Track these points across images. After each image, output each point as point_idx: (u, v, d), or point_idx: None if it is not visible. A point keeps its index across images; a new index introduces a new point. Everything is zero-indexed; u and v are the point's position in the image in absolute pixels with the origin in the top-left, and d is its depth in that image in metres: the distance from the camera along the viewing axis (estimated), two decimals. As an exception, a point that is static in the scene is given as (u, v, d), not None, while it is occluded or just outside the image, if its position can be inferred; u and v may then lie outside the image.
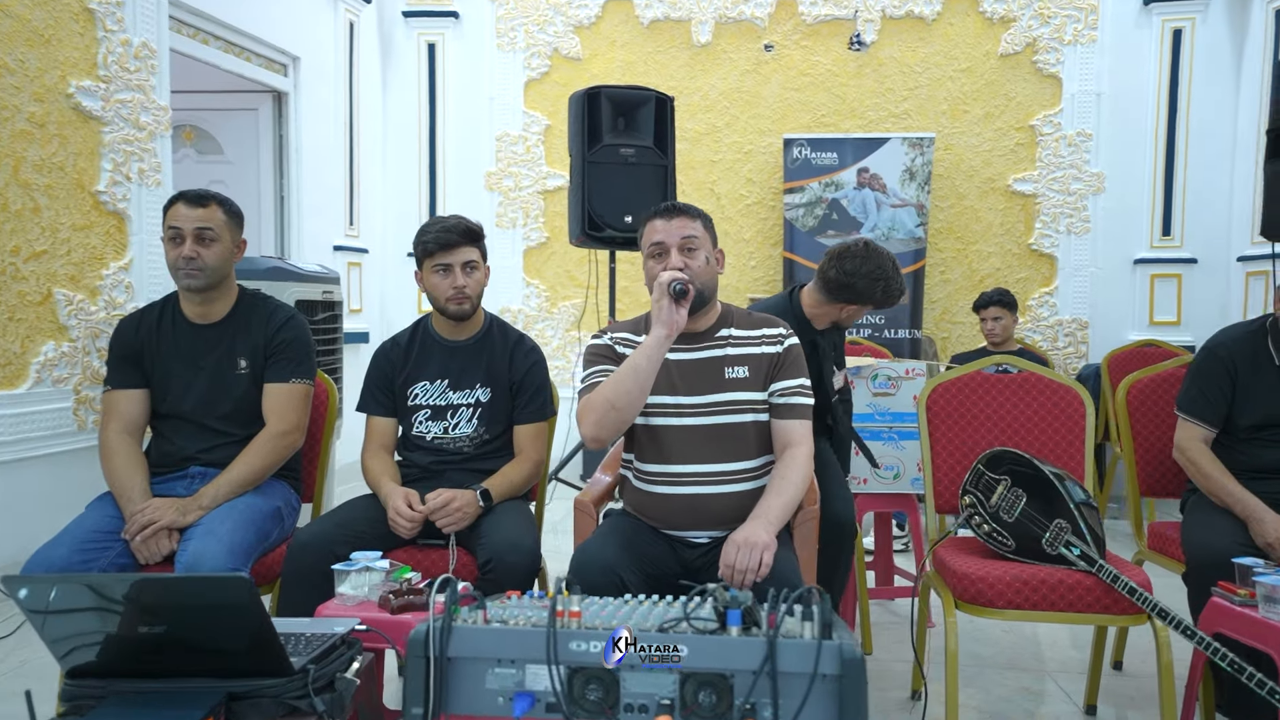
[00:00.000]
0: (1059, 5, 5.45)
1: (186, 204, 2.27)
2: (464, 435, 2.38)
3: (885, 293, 2.52)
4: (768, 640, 1.28)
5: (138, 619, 1.45)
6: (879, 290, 2.51)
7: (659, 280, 1.97)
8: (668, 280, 1.96)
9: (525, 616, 1.40)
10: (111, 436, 2.26)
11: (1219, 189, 5.36)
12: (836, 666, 1.26)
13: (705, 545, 2.04)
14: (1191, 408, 2.36)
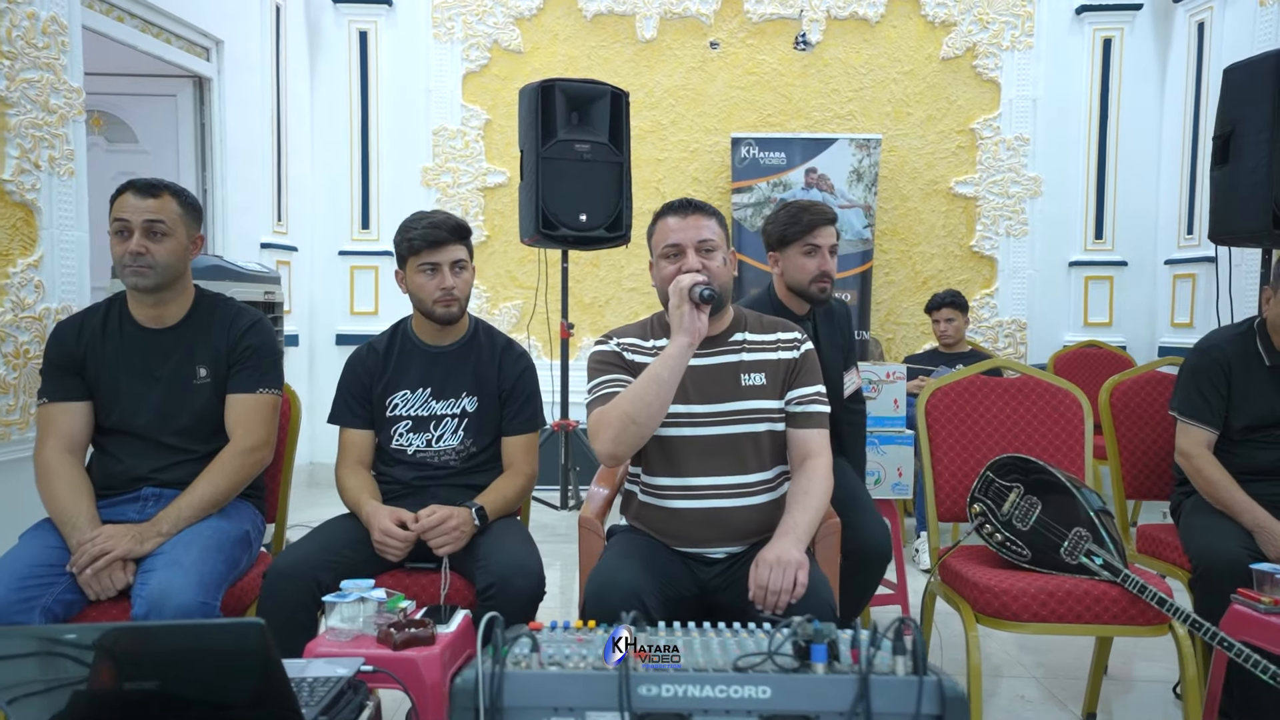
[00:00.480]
0: (997, 11, 5.54)
1: (135, 194, 2.03)
2: (449, 448, 2.20)
3: (791, 219, 2.46)
4: (859, 678, 1.17)
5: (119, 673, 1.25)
6: (783, 218, 2.48)
7: (679, 285, 1.84)
8: (689, 284, 1.83)
9: (580, 656, 1.25)
10: (50, 455, 2.00)
11: (1147, 194, 5.53)
12: (937, 705, 1.15)
13: (723, 562, 1.92)
14: (1191, 411, 2.36)
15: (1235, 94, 3.67)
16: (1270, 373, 2.34)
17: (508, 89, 5.62)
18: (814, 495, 1.86)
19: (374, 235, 5.63)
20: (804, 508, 1.83)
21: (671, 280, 1.95)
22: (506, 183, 5.63)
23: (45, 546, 1.89)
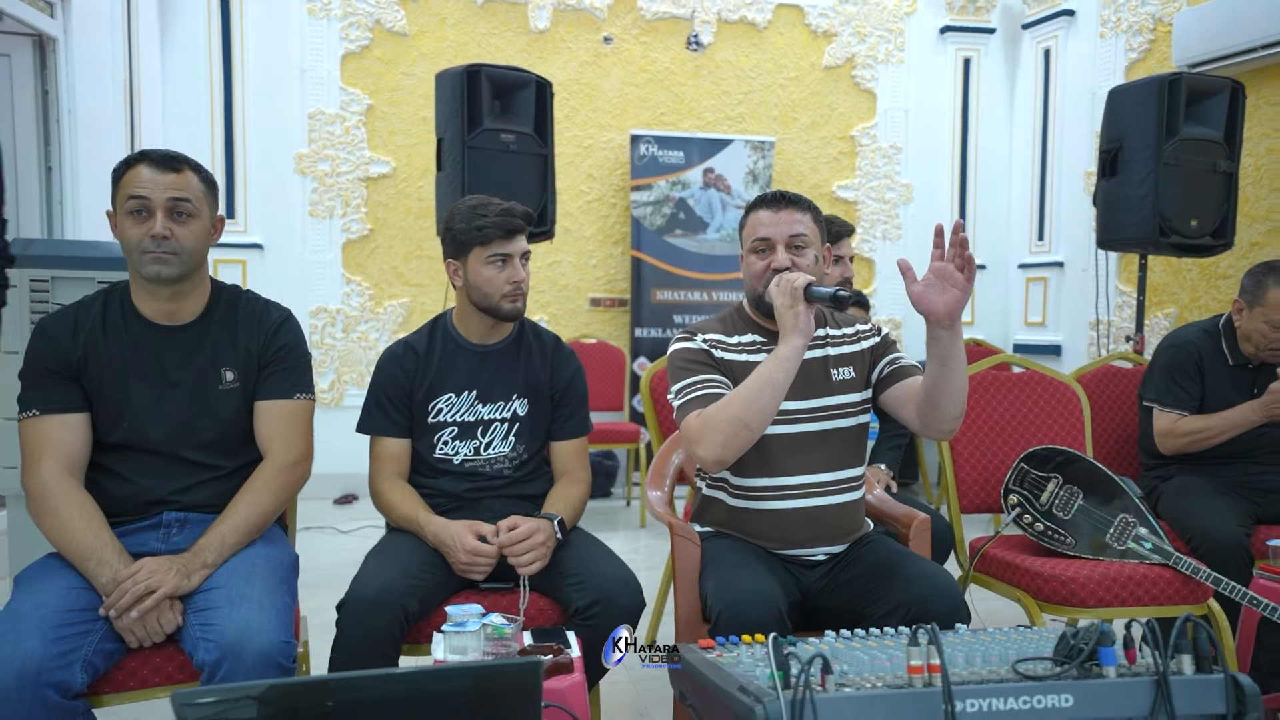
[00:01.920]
0: (873, 25, 5.82)
1: (153, 167, 1.70)
2: (501, 455, 2.01)
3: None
4: (1156, 680, 1.16)
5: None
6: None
7: (793, 284, 1.77)
8: (804, 284, 1.77)
9: (861, 675, 1.17)
10: (50, 479, 1.64)
11: (1001, 203, 6.02)
12: (1234, 703, 1.17)
13: (824, 564, 1.88)
14: (1169, 399, 2.57)
15: (1120, 113, 4.03)
16: (1232, 371, 2.60)
17: (391, 73, 5.27)
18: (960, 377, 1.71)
19: (240, 226, 5.10)
20: (957, 378, 1.70)
21: (761, 275, 1.89)
22: (392, 173, 5.28)
23: (68, 589, 1.55)
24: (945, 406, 1.71)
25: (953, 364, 1.66)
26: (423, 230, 5.32)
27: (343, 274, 5.26)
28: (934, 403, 1.72)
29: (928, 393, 1.72)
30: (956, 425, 1.77)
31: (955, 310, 1.61)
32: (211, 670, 1.49)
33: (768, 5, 5.68)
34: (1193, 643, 1.19)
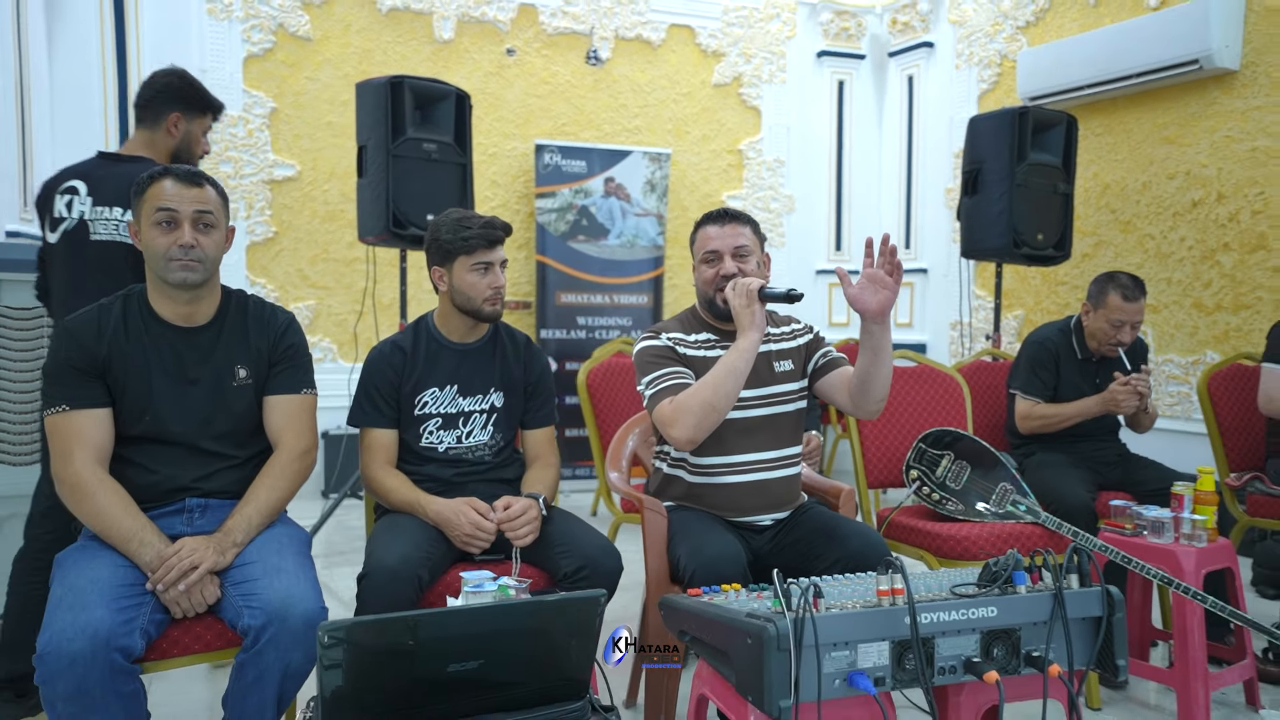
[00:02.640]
0: (758, 47, 6.26)
1: (178, 182, 1.85)
2: (481, 443, 2.24)
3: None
4: (1054, 594, 1.52)
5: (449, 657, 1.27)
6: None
7: (746, 286, 2.08)
8: (757, 286, 2.08)
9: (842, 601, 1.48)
10: (83, 470, 1.76)
11: (872, 213, 6.58)
12: (1105, 608, 1.54)
13: (771, 529, 2.20)
14: (1030, 388, 3.04)
15: (979, 139, 4.58)
16: (1080, 364, 3.10)
17: (296, 77, 5.31)
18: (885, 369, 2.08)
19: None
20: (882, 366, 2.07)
21: (712, 281, 2.20)
22: (297, 176, 5.31)
23: (115, 566, 1.69)
24: (875, 390, 2.06)
25: (883, 354, 2.02)
26: (329, 234, 5.37)
27: (247, 276, 5.24)
28: (865, 387, 2.07)
29: (860, 379, 2.07)
30: (882, 405, 2.12)
31: (885, 308, 1.96)
32: (256, 635, 1.66)
33: (661, 25, 6.02)
34: (1078, 566, 1.57)
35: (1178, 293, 4.70)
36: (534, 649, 1.35)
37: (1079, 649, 1.53)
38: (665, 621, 1.73)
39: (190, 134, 2.70)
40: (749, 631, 1.41)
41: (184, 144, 2.69)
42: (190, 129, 2.69)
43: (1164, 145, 4.77)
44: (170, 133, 2.64)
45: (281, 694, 1.72)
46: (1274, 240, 4.28)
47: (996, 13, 5.69)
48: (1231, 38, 4.34)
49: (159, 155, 2.61)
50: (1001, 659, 1.51)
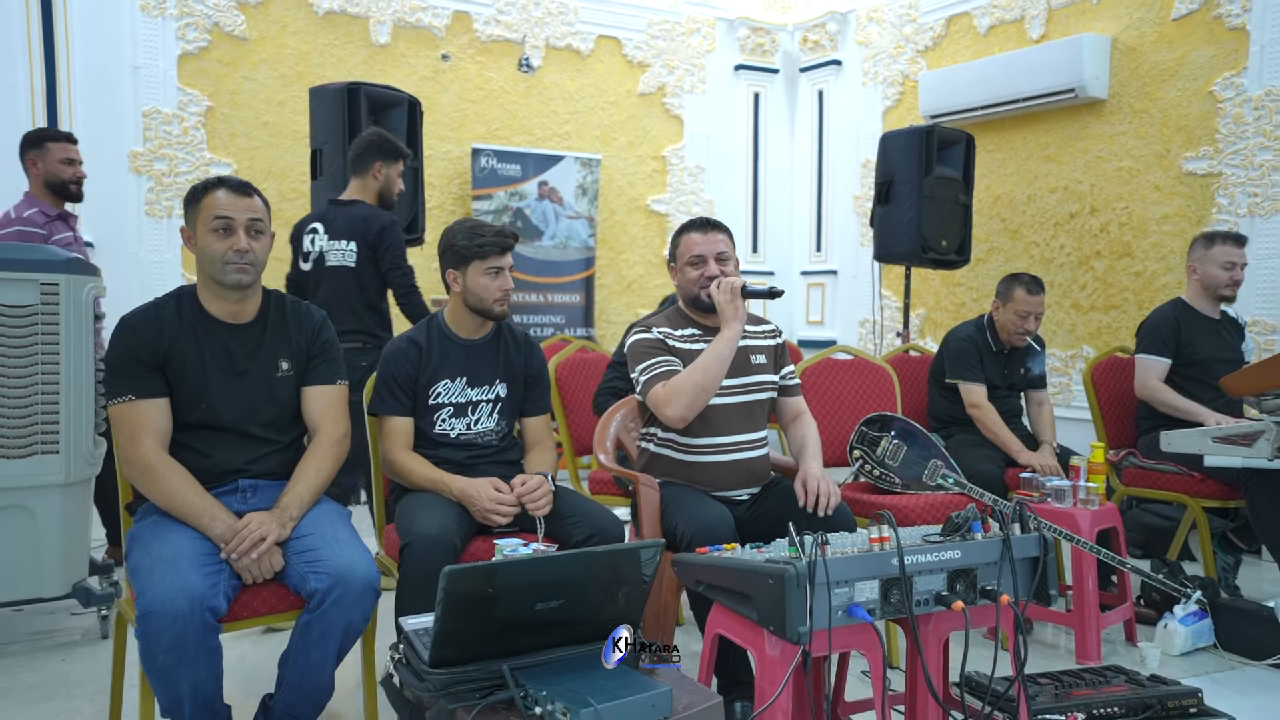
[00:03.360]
0: (680, 59, 6.61)
1: (231, 192, 2.03)
2: (488, 429, 2.48)
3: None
4: (1003, 539, 1.90)
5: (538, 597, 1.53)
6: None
7: (731, 284, 2.40)
8: (740, 285, 2.40)
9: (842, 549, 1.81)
10: (151, 454, 1.94)
11: (785, 218, 7.03)
12: (1042, 549, 1.93)
13: (747, 502, 2.52)
14: (971, 374, 3.47)
15: (890, 154, 5.05)
16: (995, 355, 3.55)
17: (232, 75, 5.34)
18: (815, 437, 2.54)
19: (69, 224, 4.96)
20: (814, 444, 2.51)
21: (696, 282, 2.50)
22: (233, 174, 5.33)
23: (190, 538, 1.87)
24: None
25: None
26: (266, 232, 5.42)
27: (182, 274, 5.24)
28: (791, 442, 2.58)
29: (791, 441, 2.60)
30: None
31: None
32: (323, 597, 1.87)
33: (590, 35, 6.30)
34: (1020, 517, 1.95)
35: (1058, 294, 5.29)
36: (598, 592, 1.62)
37: (1021, 583, 1.91)
38: (679, 576, 2.02)
39: (389, 178, 3.59)
40: (771, 574, 1.72)
41: (385, 186, 3.59)
42: (389, 173, 3.58)
43: (1046, 163, 5.35)
44: (375, 178, 3.54)
45: (341, 648, 1.94)
46: (1137, 249, 4.90)
47: (899, 36, 6.20)
48: (1100, 71, 4.94)
49: (369, 197, 3.55)
50: (963, 592, 1.87)
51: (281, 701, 1.98)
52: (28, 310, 2.79)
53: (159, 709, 1.84)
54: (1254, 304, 4.40)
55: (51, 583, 2.87)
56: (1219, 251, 3.48)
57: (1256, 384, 2.84)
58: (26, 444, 2.80)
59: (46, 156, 3.62)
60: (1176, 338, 3.47)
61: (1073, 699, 2.36)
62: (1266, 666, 2.74)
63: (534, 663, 1.55)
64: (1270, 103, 4.34)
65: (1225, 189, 4.52)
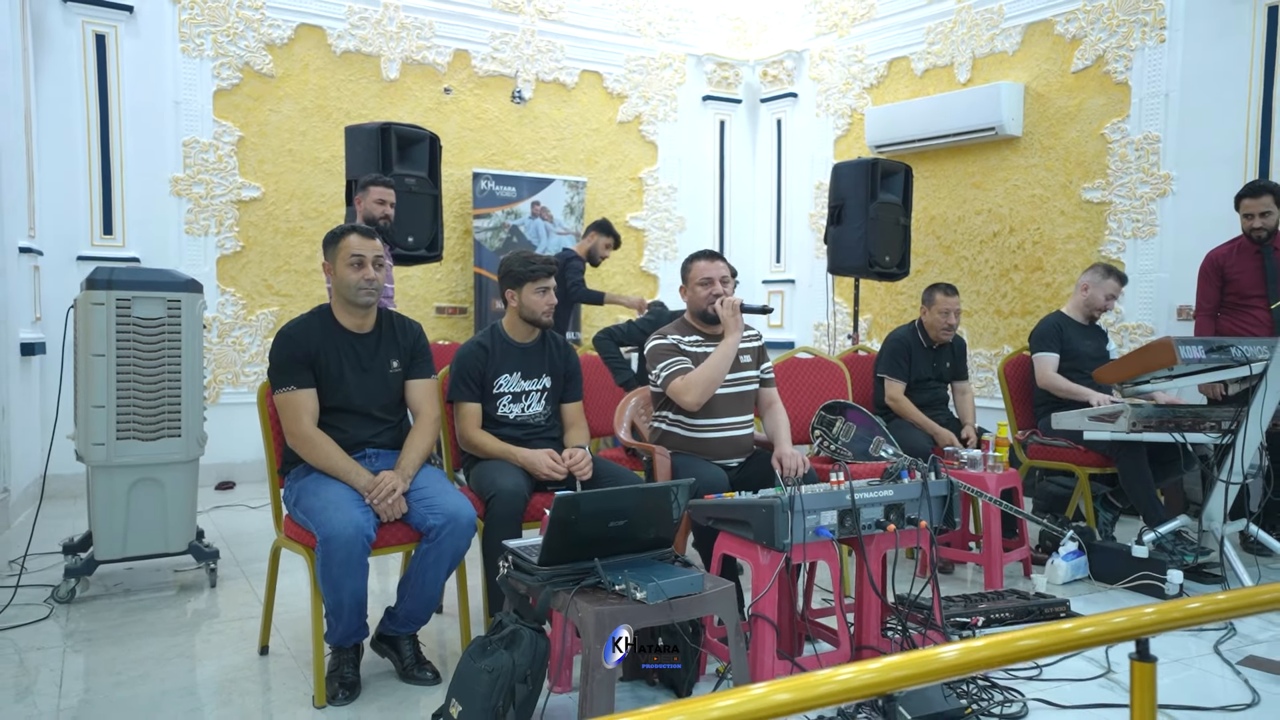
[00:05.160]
0: (654, 91, 7.39)
1: (360, 236, 2.75)
2: (537, 413, 3.22)
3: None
4: (923, 482, 2.71)
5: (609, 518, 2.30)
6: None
7: (732, 302, 3.18)
8: (739, 302, 3.19)
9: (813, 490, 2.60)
10: (310, 429, 2.67)
11: (749, 232, 7.85)
12: (949, 489, 2.74)
13: (735, 468, 3.31)
14: (894, 372, 4.30)
15: (841, 181, 5.88)
16: (925, 351, 4.39)
17: (260, 108, 5.99)
18: (786, 423, 3.34)
19: (118, 241, 5.58)
20: (786, 429, 3.31)
21: (705, 299, 3.27)
22: (261, 197, 5.99)
23: (345, 488, 2.59)
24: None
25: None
26: (291, 248, 6.08)
27: (217, 285, 5.89)
28: (766, 425, 3.29)
29: (766, 424, 3.30)
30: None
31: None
32: (438, 530, 2.61)
33: (575, 70, 7.05)
34: (934, 468, 2.76)
35: (983, 302, 6.17)
36: (648, 516, 2.39)
37: (935, 514, 2.72)
38: (693, 515, 2.80)
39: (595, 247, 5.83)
40: (765, 505, 2.50)
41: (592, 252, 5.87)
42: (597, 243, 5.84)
43: (973, 189, 6.24)
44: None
45: (449, 569, 2.68)
46: (1047, 263, 5.80)
47: (847, 74, 7.06)
48: (1016, 113, 5.84)
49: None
50: (896, 520, 2.68)
51: (404, 610, 2.71)
52: (158, 322, 3.48)
53: (325, 609, 2.57)
54: (1137, 311, 5.32)
55: (175, 541, 3.56)
56: (1110, 285, 4.36)
57: (1119, 374, 3.71)
58: (156, 429, 3.49)
59: (367, 197, 4.45)
60: (1060, 339, 4.34)
61: (977, 608, 3.19)
62: (1122, 588, 3.60)
63: (610, 562, 2.32)
64: (1148, 145, 5.26)
65: (1115, 215, 5.43)
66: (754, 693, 1.09)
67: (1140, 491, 3.91)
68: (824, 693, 1.15)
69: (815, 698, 1.16)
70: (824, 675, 1.16)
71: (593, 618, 2.14)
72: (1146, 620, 1.52)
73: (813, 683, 1.15)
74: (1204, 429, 3.73)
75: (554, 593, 2.27)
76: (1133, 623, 1.50)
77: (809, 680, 1.15)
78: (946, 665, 1.30)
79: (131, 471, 3.44)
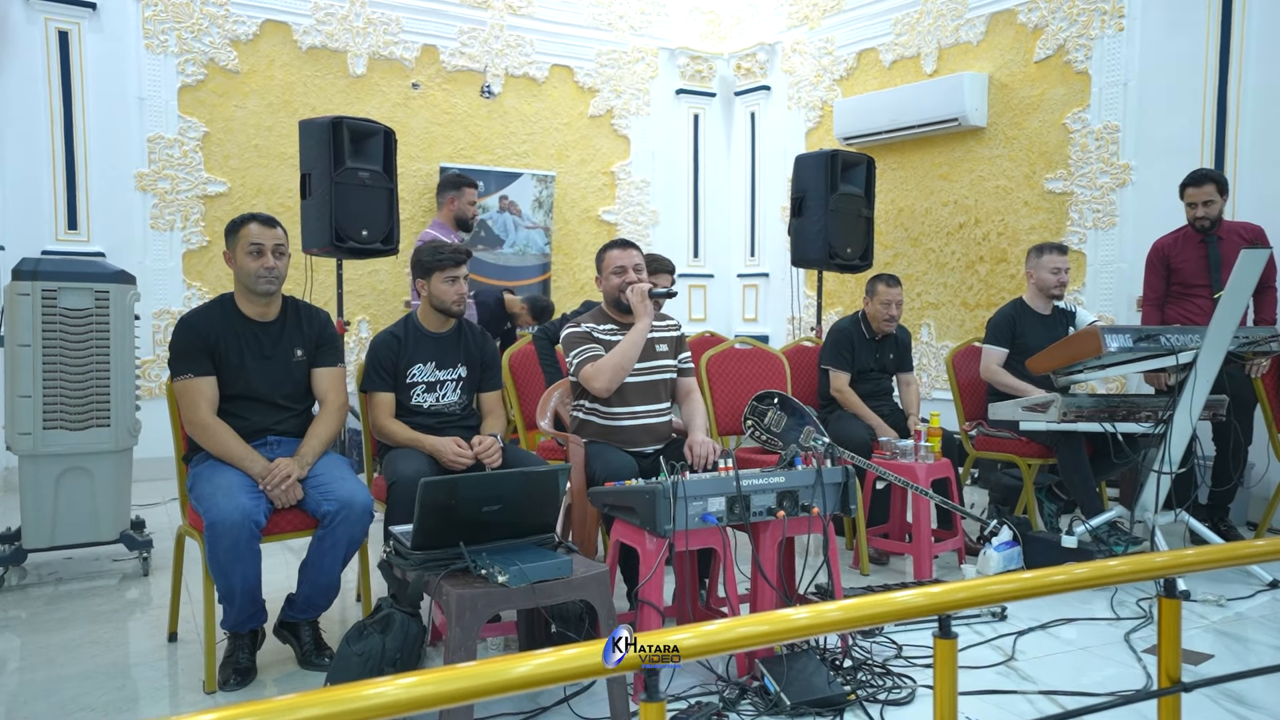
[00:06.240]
0: (626, 84, 7.39)
1: (260, 224, 2.77)
2: (452, 403, 3.23)
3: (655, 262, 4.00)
4: (817, 470, 2.69)
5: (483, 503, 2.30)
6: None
7: (640, 289, 3.17)
8: (648, 289, 3.18)
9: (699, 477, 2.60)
10: (207, 417, 2.68)
11: (723, 226, 7.83)
12: (844, 477, 2.73)
13: (651, 455, 3.30)
14: (838, 363, 4.27)
15: (802, 173, 5.85)
16: (867, 342, 4.36)
17: (226, 104, 6.03)
18: (702, 412, 3.34)
19: (83, 236, 5.64)
20: (701, 418, 3.30)
21: (619, 288, 3.27)
22: (228, 192, 6.03)
23: (239, 474, 2.61)
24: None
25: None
26: (257, 242, 6.12)
27: (183, 280, 5.94)
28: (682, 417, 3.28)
29: (684, 413, 3.29)
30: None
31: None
32: (332, 517, 2.62)
33: (545, 64, 7.05)
34: (831, 455, 2.75)
35: (950, 294, 6.13)
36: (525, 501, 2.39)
37: (830, 501, 2.71)
38: (592, 502, 2.81)
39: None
40: (648, 491, 2.50)
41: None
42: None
43: (939, 180, 6.20)
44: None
45: (345, 555, 2.69)
46: (1011, 255, 5.75)
47: (818, 67, 7.03)
48: (980, 103, 5.79)
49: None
50: (789, 508, 2.66)
51: (302, 595, 2.73)
52: (85, 313, 3.52)
53: (218, 595, 2.59)
54: (1098, 303, 5.27)
55: (105, 530, 3.60)
56: (1047, 260, 4.30)
57: (1049, 364, 3.67)
58: (84, 419, 3.52)
59: (461, 198, 5.04)
60: (1012, 331, 4.29)
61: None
62: (1053, 579, 3.56)
63: (482, 547, 2.33)
64: (1107, 134, 5.21)
65: (1076, 205, 5.38)
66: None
67: (1078, 482, 3.87)
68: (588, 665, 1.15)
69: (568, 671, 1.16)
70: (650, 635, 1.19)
71: (454, 600, 2.15)
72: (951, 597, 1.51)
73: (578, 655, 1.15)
74: (1138, 419, 3.69)
75: (424, 576, 2.27)
76: (934, 600, 1.50)
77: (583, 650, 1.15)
78: (796, 626, 1.38)
79: (59, 461, 3.48)
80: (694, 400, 3.39)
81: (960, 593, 1.53)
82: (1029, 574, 1.54)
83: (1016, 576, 1.54)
